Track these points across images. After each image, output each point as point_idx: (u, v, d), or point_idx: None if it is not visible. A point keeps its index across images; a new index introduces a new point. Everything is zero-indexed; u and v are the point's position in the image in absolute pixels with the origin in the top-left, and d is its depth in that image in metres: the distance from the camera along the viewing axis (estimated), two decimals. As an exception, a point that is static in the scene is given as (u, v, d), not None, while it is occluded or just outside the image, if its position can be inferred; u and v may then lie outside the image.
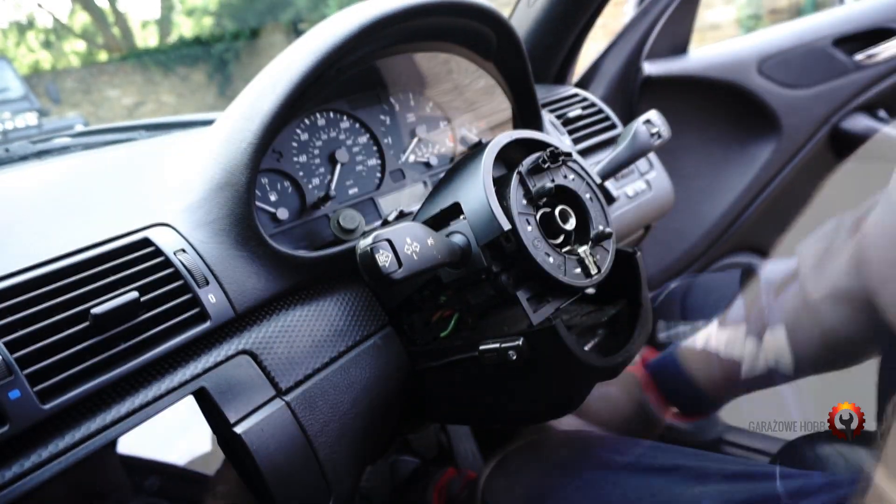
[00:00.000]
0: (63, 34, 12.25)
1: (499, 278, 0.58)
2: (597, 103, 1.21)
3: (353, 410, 0.64)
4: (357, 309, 0.68)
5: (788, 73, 1.43)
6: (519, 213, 0.57)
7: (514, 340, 0.57)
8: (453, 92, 0.97)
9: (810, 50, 1.42)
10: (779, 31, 1.50)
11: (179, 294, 0.55)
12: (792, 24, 1.50)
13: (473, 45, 0.88)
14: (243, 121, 0.63)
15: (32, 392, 0.44)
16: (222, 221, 0.61)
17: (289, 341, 0.61)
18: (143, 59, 10.86)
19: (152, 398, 0.50)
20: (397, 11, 0.68)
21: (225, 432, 0.53)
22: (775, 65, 1.43)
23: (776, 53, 1.44)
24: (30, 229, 0.57)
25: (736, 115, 1.48)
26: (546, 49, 1.28)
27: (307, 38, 0.67)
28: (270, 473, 0.54)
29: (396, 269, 0.49)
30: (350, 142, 0.84)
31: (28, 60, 11.65)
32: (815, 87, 1.41)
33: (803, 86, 1.44)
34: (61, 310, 0.49)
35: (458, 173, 0.63)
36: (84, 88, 10.12)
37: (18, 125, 4.24)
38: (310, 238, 0.75)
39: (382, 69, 0.88)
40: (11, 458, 0.43)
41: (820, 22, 1.46)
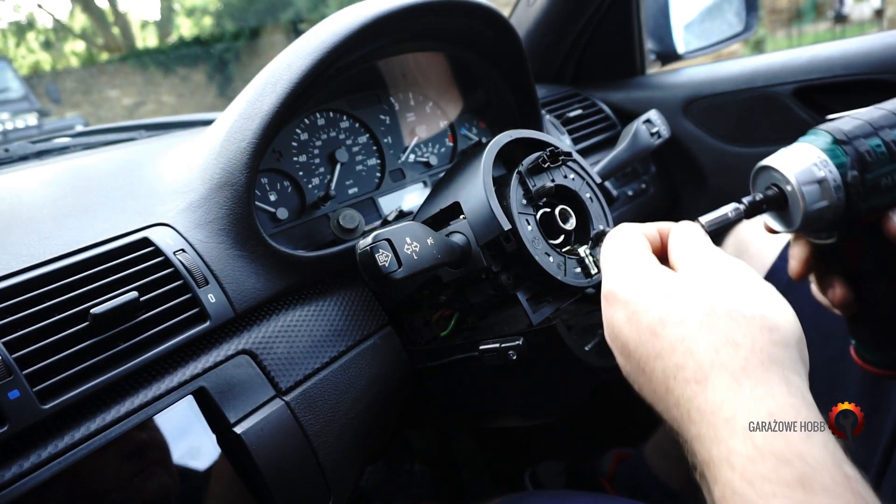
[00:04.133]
0: (63, 34, 12.25)
1: (499, 278, 0.58)
2: (597, 103, 1.21)
3: (353, 410, 0.64)
4: (357, 309, 0.68)
5: (723, 124, 1.14)
6: (519, 212, 0.57)
7: (514, 340, 0.57)
8: (453, 92, 0.97)
9: (759, 97, 1.08)
10: (722, 69, 1.18)
11: (179, 294, 0.55)
12: (742, 62, 1.17)
13: (473, 44, 0.88)
14: (243, 120, 0.63)
15: (32, 392, 0.44)
16: (222, 221, 0.61)
17: (288, 341, 0.61)
18: (143, 59, 10.86)
19: (152, 398, 0.50)
20: (397, 11, 0.68)
21: (225, 432, 0.53)
22: (705, 110, 1.16)
23: (710, 96, 1.15)
24: (30, 229, 0.57)
25: (668, 163, 1.24)
26: (546, 49, 1.28)
27: (307, 37, 0.67)
28: (270, 473, 0.54)
29: (396, 269, 0.49)
30: (350, 141, 0.84)
31: (28, 61, 11.66)
32: (762, 147, 0.88)
33: (744, 142, 1.12)
34: (61, 310, 0.49)
35: (457, 173, 0.63)
36: (84, 89, 10.12)
37: (18, 125, 4.25)
38: (309, 238, 0.75)
39: (382, 69, 0.88)
40: (11, 459, 0.43)
41: (776, 62, 1.10)
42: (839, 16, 8.84)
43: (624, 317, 0.41)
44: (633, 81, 1.30)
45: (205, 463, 0.53)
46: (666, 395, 0.37)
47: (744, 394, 0.33)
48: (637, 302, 0.40)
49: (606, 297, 0.43)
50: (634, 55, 1.30)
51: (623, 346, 0.41)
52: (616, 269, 0.43)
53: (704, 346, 0.36)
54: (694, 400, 0.35)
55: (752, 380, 0.33)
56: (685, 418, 0.35)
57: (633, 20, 1.25)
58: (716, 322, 0.36)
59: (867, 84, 0.97)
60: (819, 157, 0.49)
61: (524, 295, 0.59)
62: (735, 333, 0.35)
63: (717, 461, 0.32)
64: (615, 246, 0.45)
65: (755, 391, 0.33)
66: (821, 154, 0.49)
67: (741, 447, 0.31)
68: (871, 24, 8.40)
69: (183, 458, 0.52)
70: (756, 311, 0.36)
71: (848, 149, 0.48)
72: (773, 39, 8.59)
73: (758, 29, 3.06)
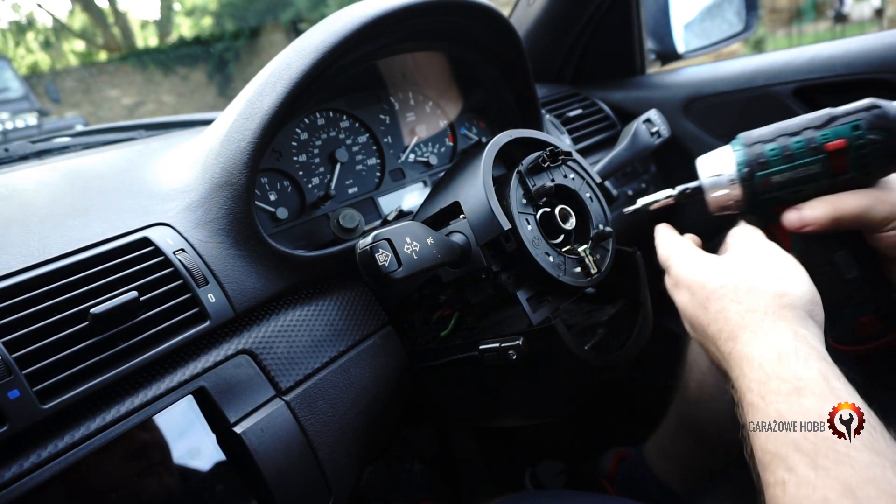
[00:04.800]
0: (63, 34, 12.25)
1: (498, 277, 0.58)
2: (597, 102, 1.21)
3: (353, 410, 0.64)
4: (357, 308, 0.68)
5: (723, 124, 1.14)
6: (519, 212, 0.57)
7: (514, 340, 0.57)
8: (453, 91, 0.97)
9: (759, 97, 1.09)
10: (722, 68, 1.20)
11: (179, 294, 0.55)
12: (742, 62, 1.18)
13: (473, 44, 0.88)
14: (243, 120, 0.63)
15: (32, 392, 0.44)
16: (222, 221, 0.61)
17: (288, 341, 0.61)
18: (143, 59, 10.86)
19: (152, 398, 0.50)
20: (397, 10, 0.68)
21: (225, 432, 0.53)
22: (705, 109, 1.16)
23: (710, 95, 1.16)
24: (29, 229, 0.57)
25: (665, 161, 1.24)
26: (546, 48, 1.28)
27: (307, 36, 0.67)
28: (270, 473, 0.54)
29: (396, 269, 0.49)
30: (350, 141, 0.84)
31: (28, 61, 11.65)
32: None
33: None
34: (61, 309, 0.49)
35: (457, 172, 0.63)
36: (84, 88, 10.12)
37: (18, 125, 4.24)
38: (309, 237, 0.75)
39: (382, 68, 0.88)
40: (11, 458, 0.43)
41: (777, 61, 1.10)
42: (839, 15, 8.84)
43: (687, 297, 0.56)
44: (633, 81, 1.30)
45: (205, 463, 0.53)
46: (717, 352, 0.51)
47: (760, 342, 0.46)
48: (693, 285, 0.55)
49: (676, 283, 0.58)
50: (634, 55, 1.30)
51: (690, 319, 0.56)
52: (678, 260, 0.58)
53: (734, 314, 0.49)
54: (732, 353, 0.48)
55: (766, 332, 0.46)
56: (730, 367, 0.49)
57: (633, 20, 1.25)
58: (741, 296, 0.50)
59: (867, 83, 0.97)
60: (726, 156, 0.60)
61: (524, 295, 0.59)
62: (754, 302, 0.49)
63: (743, 390, 0.45)
64: (673, 242, 0.62)
65: (768, 339, 0.46)
66: (729, 154, 0.60)
67: (756, 375, 0.45)
68: (871, 24, 8.40)
69: (183, 458, 0.52)
70: (769, 284, 0.49)
71: (748, 150, 0.58)
72: (773, 39, 8.59)
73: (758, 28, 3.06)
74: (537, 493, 0.91)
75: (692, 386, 0.99)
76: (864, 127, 0.53)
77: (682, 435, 1.02)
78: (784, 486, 0.39)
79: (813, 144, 0.55)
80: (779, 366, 0.43)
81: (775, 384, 0.43)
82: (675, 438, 1.04)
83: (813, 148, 0.55)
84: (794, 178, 0.56)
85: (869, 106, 0.54)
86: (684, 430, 1.02)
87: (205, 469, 0.53)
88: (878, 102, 0.53)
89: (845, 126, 0.53)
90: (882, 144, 0.53)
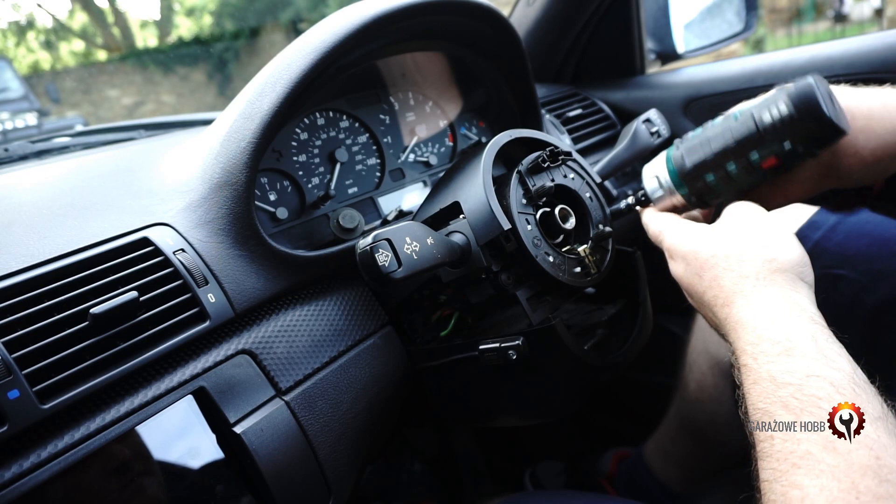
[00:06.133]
0: (63, 34, 12.24)
1: (499, 277, 0.58)
2: (596, 102, 1.21)
3: (353, 410, 0.64)
4: (357, 308, 0.68)
5: None
6: (518, 212, 0.57)
7: (514, 340, 0.57)
8: (453, 91, 0.97)
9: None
10: (722, 68, 1.19)
11: (179, 294, 0.55)
12: (742, 61, 1.17)
13: (473, 44, 0.88)
14: (243, 120, 0.63)
15: (32, 392, 0.44)
16: (221, 221, 0.61)
17: (288, 341, 0.61)
18: (143, 59, 10.85)
19: (152, 398, 0.50)
20: (396, 10, 0.68)
21: (225, 432, 0.53)
22: (705, 109, 1.15)
23: (710, 95, 1.14)
24: (29, 229, 0.57)
25: None
26: (546, 48, 1.28)
27: (306, 36, 0.67)
28: (270, 473, 0.54)
29: (396, 269, 0.49)
30: (350, 141, 0.84)
31: (28, 60, 11.64)
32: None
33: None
34: (61, 309, 0.49)
35: (457, 172, 0.63)
36: (84, 88, 10.11)
37: (18, 125, 4.23)
38: (309, 237, 0.75)
39: (382, 68, 0.88)
40: (11, 458, 0.43)
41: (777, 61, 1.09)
42: (839, 15, 8.84)
43: (682, 267, 0.57)
44: (632, 81, 1.30)
45: (205, 462, 0.53)
46: (714, 318, 0.53)
47: (752, 307, 0.48)
48: (687, 255, 0.56)
49: (671, 255, 0.59)
50: (634, 55, 1.29)
51: (687, 288, 0.57)
52: (670, 233, 0.59)
53: (727, 281, 0.51)
54: (728, 318, 0.50)
55: (758, 297, 0.48)
56: (726, 331, 0.50)
57: (633, 20, 1.25)
58: (732, 263, 0.51)
59: (867, 83, 0.97)
60: (660, 160, 0.63)
61: (524, 295, 0.59)
62: (745, 269, 0.50)
63: (738, 353, 0.47)
64: (662, 217, 0.62)
65: (760, 304, 0.48)
66: (663, 157, 0.63)
67: (749, 337, 0.46)
68: (871, 24, 8.40)
69: (183, 458, 0.52)
70: (759, 250, 0.51)
71: (676, 154, 0.61)
72: (773, 39, 8.58)
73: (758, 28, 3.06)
74: (537, 494, 0.91)
75: (692, 386, 0.99)
76: (793, 140, 0.53)
77: (682, 435, 1.03)
78: (772, 440, 0.41)
79: (749, 167, 0.56)
80: (771, 328, 0.45)
81: (767, 346, 0.45)
82: (675, 438, 1.04)
83: (750, 169, 0.57)
84: (734, 188, 0.59)
85: (793, 116, 0.52)
86: (684, 430, 1.02)
87: (205, 469, 0.53)
88: (802, 101, 0.52)
89: (773, 144, 0.54)
90: (811, 151, 0.54)
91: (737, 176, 0.57)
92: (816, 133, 0.52)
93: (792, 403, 0.41)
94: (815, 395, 0.40)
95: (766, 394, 0.43)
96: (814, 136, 0.52)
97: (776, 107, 0.53)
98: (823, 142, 0.53)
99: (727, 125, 0.57)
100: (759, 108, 0.55)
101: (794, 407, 0.41)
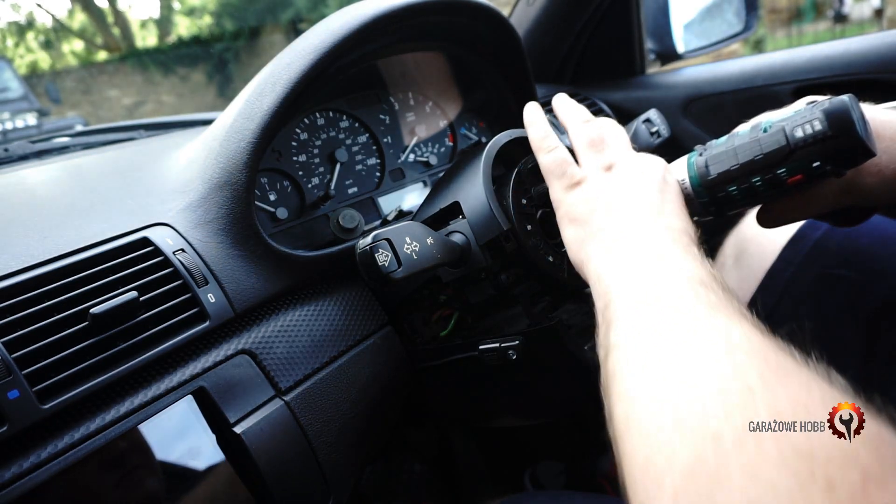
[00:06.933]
0: (62, 34, 12.25)
1: (498, 277, 0.58)
2: (597, 102, 1.21)
3: (353, 410, 0.64)
4: (356, 308, 0.68)
5: (723, 124, 1.07)
6: (518, 212, 0.57)
7: (514, 340, 0.57)
8: (453, 91, 0.97)
9: (759, 97, 1.08)
10: (722, 68, 1.18)
11: (179, 294, 0.55)
12: (742, 61, 1.17)
13: (473, 44, 0.88)
14: (243, 120, 0.63)
15: (31, 392, 0.44)
16: (221, 221, 0.61)
17: (288, 341, 0.61)
18: (143, 59, 10.86)
19: (152, 398, 0.50)
20: (396, 10, 0.68)
21: (224, 432, 0.53)
22: (705, 109, 1.15)
23: (710, 95, 1.15)
24: (29, 229, 0.57)
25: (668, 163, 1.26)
26: (546, 48, 1.28)
27: (306, 37, 0.67)
28: (270, 473, 0.54)
29: (396, 269, 0.49)
30: (349, 141, 0.84)
31: (27, 60, 11.65)
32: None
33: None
34: (60, 309, 0.49)
35: (457, 172, 0.63)
36: (84, 88, 10.12)
37: (18, 125, 4.23)
38: (309, 237, 0.75)
39: (382, 68, 0.88)
40: (11, 458, 0.43)
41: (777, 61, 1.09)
42: (839, 15, 8.84)
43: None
44: (632, 81, 1.30)
45: (204, 463, 0.53)
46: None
47: (604, 262, 0.47)
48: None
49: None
50: (634, 55, 1.30)
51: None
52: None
53: (569, 238, 0.52)
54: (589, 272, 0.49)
55: (602, 254, 0.48)
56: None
57: (633, 20, 1.25)
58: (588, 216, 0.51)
59: (867, 84, 0.97)
60: (682, 165, 0.59)
61: (524, 295, 0.59)
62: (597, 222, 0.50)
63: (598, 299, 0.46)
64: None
65: (601, 260, 0.47)
66: (684, 162, 0.59)
67: (599, 288, 0.45)
68: (871, 24, 8.40)
69: (182, 458, 0.52)
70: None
71: (699, 161, 0.58)
72: (773, 39, 8.59)
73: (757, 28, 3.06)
74: (537, 494, 0.91)
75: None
76: (823, 158, 0.52)
77: None
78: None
79: (775, 181, 0.55)
80: (615, 272, 0.47)
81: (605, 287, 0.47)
82: None
83: (775, 183, 0.55)
84: (754, 201, 0.58)
85: (826, 135, 0.50)
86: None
87: (204, 469, 0.53)
88: (837, 121, 0.50)
89: (803, 161, 0.53)
90: (838, 171, 0.53)
91: (760, 189, 0.56)
92: (848, 153, 0.51)
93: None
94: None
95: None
96: (844, 157, 0.52)
97: (810, 124, 0.51)
98: (853, 162, 0.52)
99: (756, 137, 0.55)
100: (790, 123, 0.53)
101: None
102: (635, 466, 0.35)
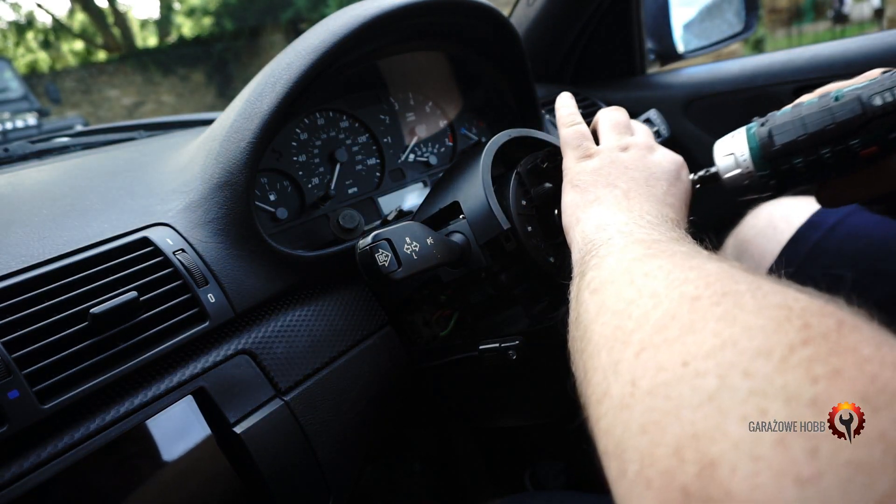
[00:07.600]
0: (62, 34, 12.25)
1: (498, 277, 0.58)
2: (597, 103, 1.21)
3: (353, 410, 0.64)
4: (356, 308, 0.68)
5: (723, 124, 1.09)
6: (518, 212, 0.57)
7: (514, 340, 0.57)
8: (453, 91, 0.97)
9: (759, 97, 1.08)
10: (722, 68, 1.18)
11: (179, 294, 0.55)
12: (742, 62, 1.17)
13: (473, 44, 0.88)
14: (242, 120, 0.63)
15: (31, 392, 0.44)
16: (221, 221, 0.61)
17: (288, 341, 0.61)
18: (143, 59, 10.87)
19: (152, 398, 0.50)
20: (396, 10, 0.68)
21: (224, 432, 0.53)
22: (705, 109, 1.16)
23: (710, 95, 1.15)
24: (29, 229, 0.57)
25: None
26: (546, 48, 1.28)
27: (306, 37, 0.67)
28: (270, 473, 0.54)
29: (396, 269, 0.49)
30: (350, 141, 0.84)
31: (27, 60, 11.65)
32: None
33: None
34: (60, 310, 0.49)
35: (457, 172, 0.63)
36: (84, 88, 10.12)
37: (18, 125, 4.23)
38: (309, 238, 0.75)
39: (382, 68, 0.88)
40: (11, 459, 0.43)
41: (777, 61, 1.09)
42: (839, 15, 8.85)
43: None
44: (632, 81, 1.30)
45: (204, 463, 0.53)
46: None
47: (586, 224, 0.48)
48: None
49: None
50: (634, 55, 1.30)
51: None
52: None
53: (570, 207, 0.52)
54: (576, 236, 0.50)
55: (595, 216, 0.48)
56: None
57: (633, 20, 1.25)
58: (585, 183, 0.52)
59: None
60: (740, 136, 0.56)
61: (524, 295, 0.59)
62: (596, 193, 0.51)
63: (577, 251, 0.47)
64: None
65: (591, 221, 0.48)
66: (743, 134, 0.56)
67: (581, 244, 0.47)
68: (871, 24, 8.40)
69: (182, 458, 0.52)
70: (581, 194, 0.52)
71: (761, 131, 0.55)
72: (773, 39, 8.59)
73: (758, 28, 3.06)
74: (537, 494, 0.91)
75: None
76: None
77: None
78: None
79: (846, 153, 0.51)
80: (590, 235, 0.49)
81: (583, 247, 0.49)
82: None
83: (847, 155, 0.51)
84: (821, 175, 0.54)
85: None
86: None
87: (204, 469, 0.53)
88: None
89: (879, 131, 0.49)
90: None
91: (829, 161, 0.52)
92: None
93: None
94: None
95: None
96: None
97: (890, 92, 0.48)
98: None
99: (826, 105, 0.51)
100: (867, 91, 0.49)
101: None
102: (602, 338, 0.35)
